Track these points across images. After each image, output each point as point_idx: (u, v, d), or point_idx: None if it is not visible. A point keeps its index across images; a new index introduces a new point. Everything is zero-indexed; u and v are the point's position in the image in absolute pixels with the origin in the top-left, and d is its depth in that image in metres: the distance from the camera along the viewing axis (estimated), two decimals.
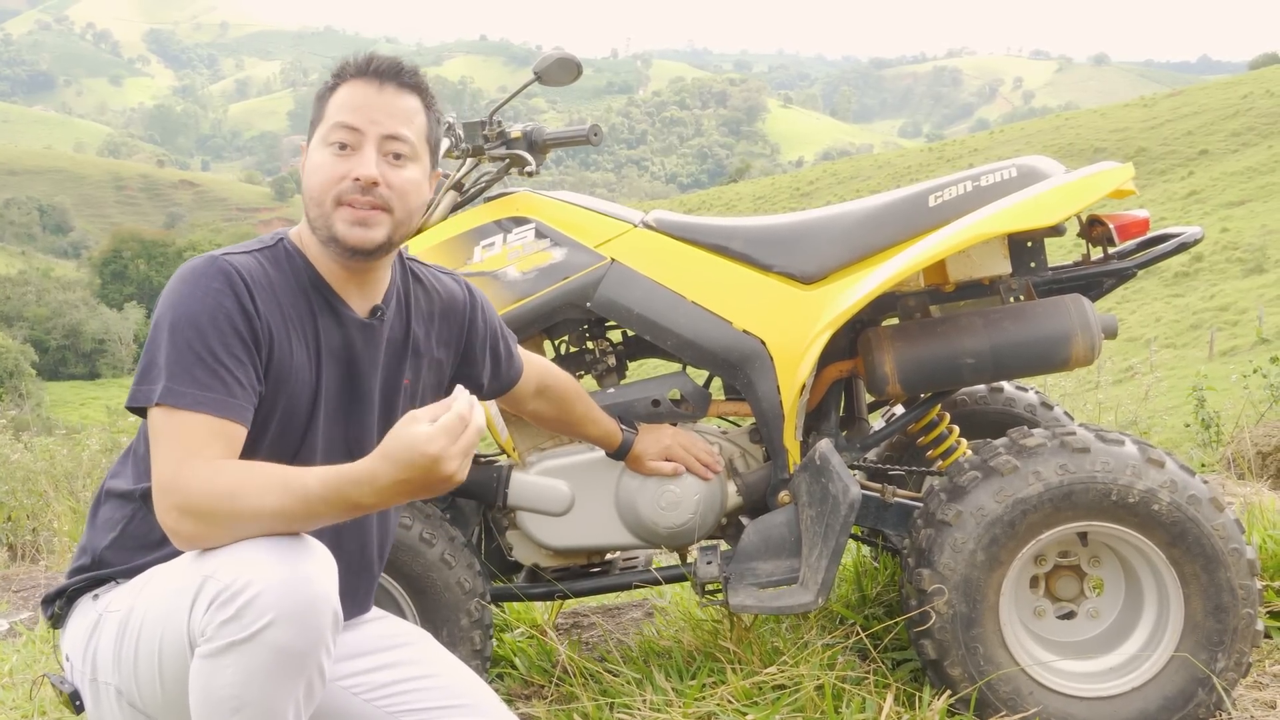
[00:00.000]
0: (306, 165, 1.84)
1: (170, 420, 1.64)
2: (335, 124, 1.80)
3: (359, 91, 1.82)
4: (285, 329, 1.78)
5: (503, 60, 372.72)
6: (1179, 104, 70.45)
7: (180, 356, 1.66)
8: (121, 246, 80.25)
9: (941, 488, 2.30)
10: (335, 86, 1.84)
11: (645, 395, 2.58)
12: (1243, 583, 2.18)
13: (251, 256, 1.80)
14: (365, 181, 1.78)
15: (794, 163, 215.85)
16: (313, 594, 1.54)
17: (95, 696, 1.74)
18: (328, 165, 1.79)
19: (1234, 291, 31.96)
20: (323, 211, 1.80)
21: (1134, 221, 2.47)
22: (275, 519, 1.57)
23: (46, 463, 7.25)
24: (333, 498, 1.57)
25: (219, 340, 1.68)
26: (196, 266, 1.74)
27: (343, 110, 1.81)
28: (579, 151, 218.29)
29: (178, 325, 1.68)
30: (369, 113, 1.80)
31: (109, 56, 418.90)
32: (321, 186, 1.79)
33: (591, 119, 2.79)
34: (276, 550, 1.56)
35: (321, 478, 1.57)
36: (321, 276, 1.85)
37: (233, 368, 1.68)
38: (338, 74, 1.86)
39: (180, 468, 1.60)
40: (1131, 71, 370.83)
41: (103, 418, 20.06)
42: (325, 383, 1.84)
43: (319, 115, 1.84)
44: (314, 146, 1.83)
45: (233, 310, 1.70)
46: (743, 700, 2.33)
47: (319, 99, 1.86)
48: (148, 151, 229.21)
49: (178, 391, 1.64)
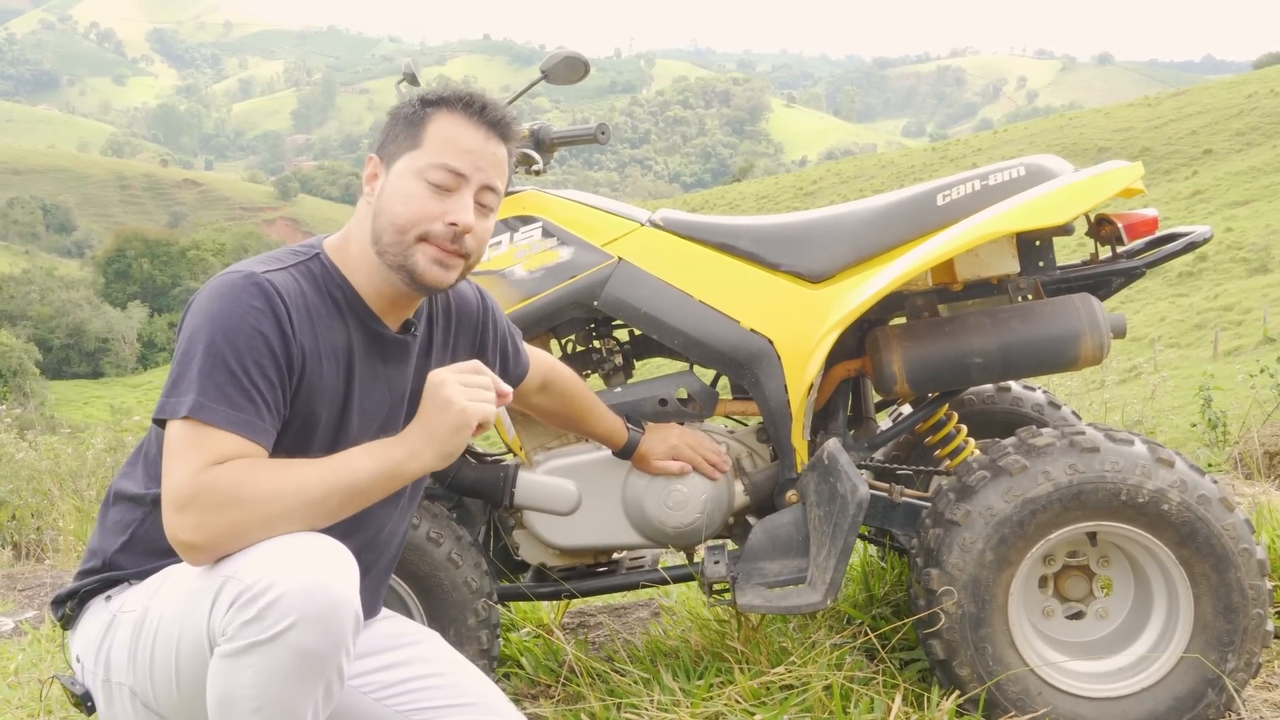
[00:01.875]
0: (391, 189, 1.80)
1: (194, 434, 1.61)
2: (440, 164, 1.78)
3: (466, 134, 1.80)
4: (317, 349, 1.77)
5: (506, 60, 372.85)
6: (1183, 103, 70.40)
7: (214, 373, 1.64)
8: (125, 246, 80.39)
9: (950, 487, 2.29)
10: (432, 114, 1.81)
11: (652, 394, 2.58)
12: (1253, 583, 2.17)
13: (289, 274, 1.78)
14: (462, 230, 1.79)
15: (797, 162, 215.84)
16: (334, 596, 1.54)
17: (108, 697, 1.74)
18: (422, 199, 1.78)
19: (1238, 291, 31.94)
20: (403, 241, 1.78)
21: (1143, 220, 2.46)
22: (319, 490, 1.62)
23: (51, 462, 7.26)
24: (376, 451, 1.70)
25: (254, 361, 1.66)
26: (236, 283, 1.71)
27: (448, 151, 1.79)
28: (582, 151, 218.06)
29: (214, 341, 1.65)
30: (475, 160, 1.80)
31: (112, 56, 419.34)
32: (411, 219, 1.78)
33: (595, 118, 2.78)
34: (298, 552, 1.56)
35: (366, 449, 1.70)
36: (359, 295, 1.84)
37: (264, 390, 1.67)
38: (437, 101, 1.83)
39: (202, 473, 1.58)
40: (1136, 71, 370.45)
41: (106, 416, 20.06)
42: (356, 398, 1.84)
43: (410, 140, 1.81)
44: (404, 173, 1.79)
45: (270, 332, 1.69)
46: (750, 700, 2.32)
47: (409, 122, 1.82)
48: (151, 151, 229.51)
49: (209, 408, 1.62)
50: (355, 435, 1.84)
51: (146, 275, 77.71)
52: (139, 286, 76.70)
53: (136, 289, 76.16)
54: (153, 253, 79.37)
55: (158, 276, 77.67)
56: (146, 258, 78.89)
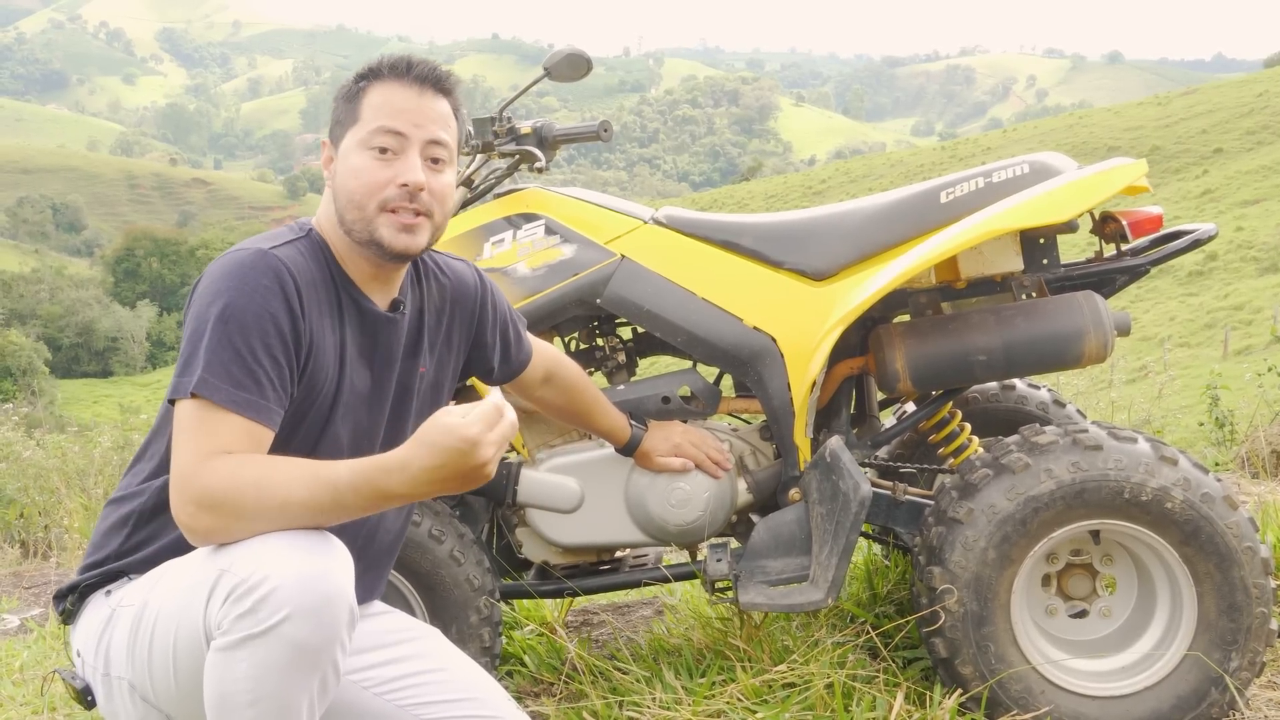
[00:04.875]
0: (342, 167, 1.82)
1: (199, 413, 1.63)
2: (378, 128, 1.79)
3: (399, 95, 1.81)
4: (322, 327, 1.78)
5: (515, 59, 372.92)
6: (1193, 102, 70.17)
7: (220, 351, 1.64)
8: (134, 245, 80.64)
9: (953, 485, 2.29)
10: (366, 87, 1.82)
11: (655, 392, 2.57)
12: (1257, 581, 2.17)
13: (294, 248, 1.79)
14: (413, 188, 1.79)
15: (806, 161, 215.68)
16: (330, 589, 1.54)
17: (108, 691, 1.74)
18: (370, 169, 1.79)
19: (1248, 290, 31.81)
20: (364, 215, 1.79)
21: (1147, 218, 2.46)
22: (303, 510, 1.57)
23: (59, 460, 7.28)
24: (364, 487, 1.56)
25: (261, 340, 1.67)
26: (244, 261, 1.71)
27: (384, 114, 1.79)
28: (591, 150, 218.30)
29: (223, 319, 1.66)
30: (412, 117, 1.80)
31: (122, 55, 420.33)
32: (365, 191, 1.79)
33: (603, 117, 2.78)
34: (294, 545, 1.56)
35: (352, 467, 1.57)
36: (346, 272, 1.85)
37: (270, 369, 1.67)
38: (368, 74, 1.84)
39: (203, 462, 1.59)
40: (1145, 70, 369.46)
41: (115, 415, 20.14)
42: (347, 378, 1.84)
43: (350, 116, 1.82)
44: (350, 149, 1.81)
45: (279, 311, 1.69)
46: (752, 698, 2.32)
47: (347, 99, 1.84)
48: (160, 150, 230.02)
49: (213, 385, 1.63)
50: (343, 415, 1.84)
51: (155, 274, 77.92)
52: (148, 285, 76.90)
53: (145, 288, 76.35)
54: (162, 252, 79.59)
55: (167, 275, 77.87)
56: (155, 257, 79.10)
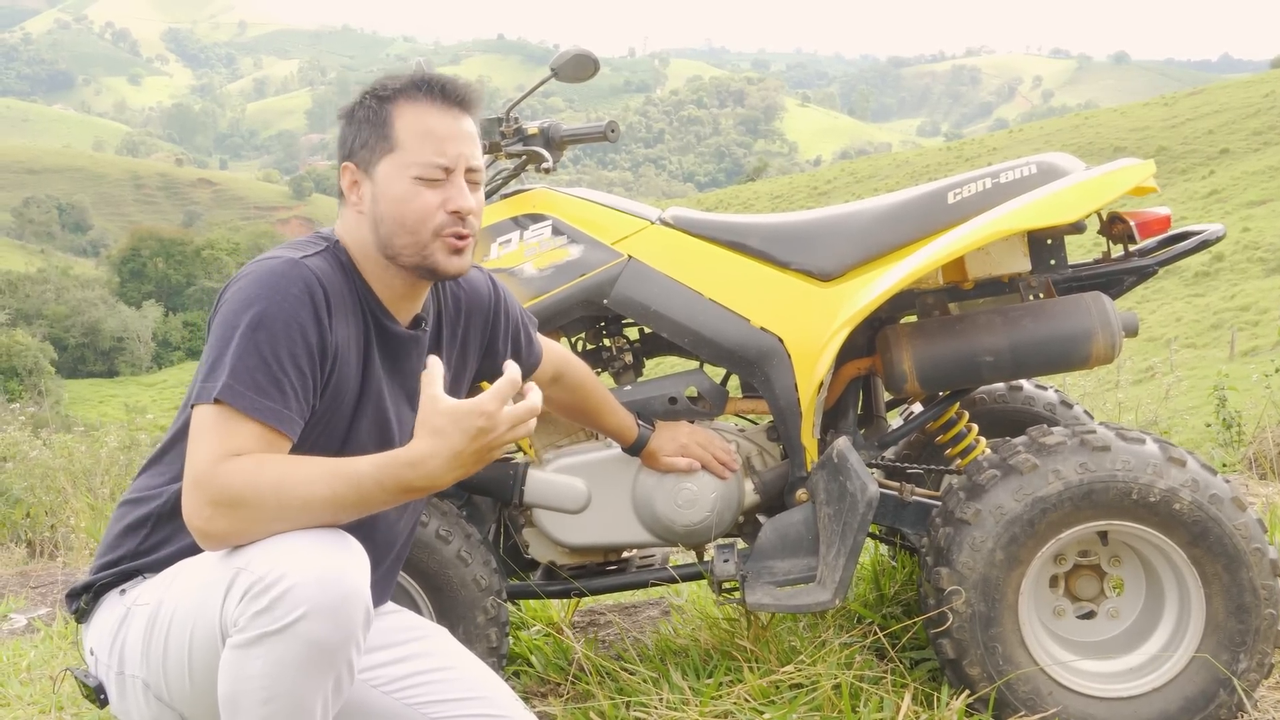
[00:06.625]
0: (384, 194, 1.80)
1: (220, 418, 1.62)
2: (426, 162, 1.78)
3: (435, 119, 1.80)
4: (348, 339, 1.79)
5: (520, 59, 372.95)
6: (1200, 103, 70.03)
7: (247, 358, 1.64)
8: (140, 245, 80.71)
9: (960, 486, 2.28)
10: (391, 108, 1.80)
11: (662, 392, 2.57)
12: (1265, 583, 2.16)
13: (323, 259, 1.79)
14: (464, 214, 1.81)
15: (812, 161, 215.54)
16: (346, 588, 1.54)
17: (121, 690, 1.75)
18: (421, 196, 1.79)
19: (1255, 291, 31.75)
20: (418, 240, 1.80)
21: (1155, 219, 2.45)
22: (325, 507, 1.58)
23: (65, 460, 7.29)
24: (387, 480, 1.59)
25: (288, 350, 1.67)
26: (276, 269, 1.71)
27: (430, 146, 1.79)
28: (597, 150, 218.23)
29: (252, 326, 1.66)
30: (456, 145, 1.81)
31: (127, 55, 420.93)
32: (417, 218, 1.79)
33: (609, 118, 2.78)
34: (311, 543, 1.56)
35: (374, 461, 1.60)
36: (372, 290, 1.85)
37: (295, 379, 1.67)
38: (395, 93, 1.82)
39: (221, 463, 1.58)
40: (1152, 70, 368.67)
41: (121, 415, 20.15)
42: (369, 392, 1.85)
43: (382, 141, 1.80)
44: (392, 176, 1.79)
45: (308, 322, 1.69)
46: (760, 699, 2.32)
47: (372, 123, 1.81)
48: (166, 150, 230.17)
49: (238, 391, 1.62)
50: (365, 430, 1.84)
51: (161, 274, 77.99)
52: (154, 286, 76.99)
53: (151, 288, 76.44)
54: (167, 252, 79.65)
55: (172, 276, 77.97)
56: (161, 257, 79.16)
